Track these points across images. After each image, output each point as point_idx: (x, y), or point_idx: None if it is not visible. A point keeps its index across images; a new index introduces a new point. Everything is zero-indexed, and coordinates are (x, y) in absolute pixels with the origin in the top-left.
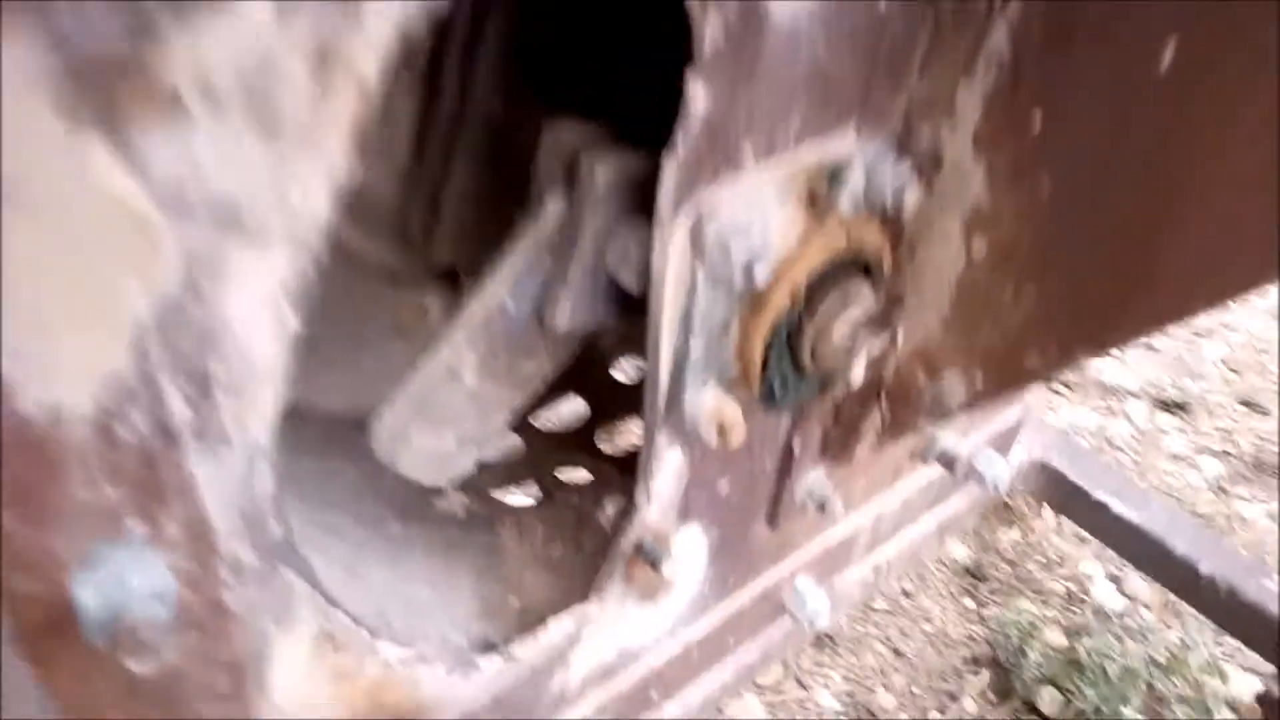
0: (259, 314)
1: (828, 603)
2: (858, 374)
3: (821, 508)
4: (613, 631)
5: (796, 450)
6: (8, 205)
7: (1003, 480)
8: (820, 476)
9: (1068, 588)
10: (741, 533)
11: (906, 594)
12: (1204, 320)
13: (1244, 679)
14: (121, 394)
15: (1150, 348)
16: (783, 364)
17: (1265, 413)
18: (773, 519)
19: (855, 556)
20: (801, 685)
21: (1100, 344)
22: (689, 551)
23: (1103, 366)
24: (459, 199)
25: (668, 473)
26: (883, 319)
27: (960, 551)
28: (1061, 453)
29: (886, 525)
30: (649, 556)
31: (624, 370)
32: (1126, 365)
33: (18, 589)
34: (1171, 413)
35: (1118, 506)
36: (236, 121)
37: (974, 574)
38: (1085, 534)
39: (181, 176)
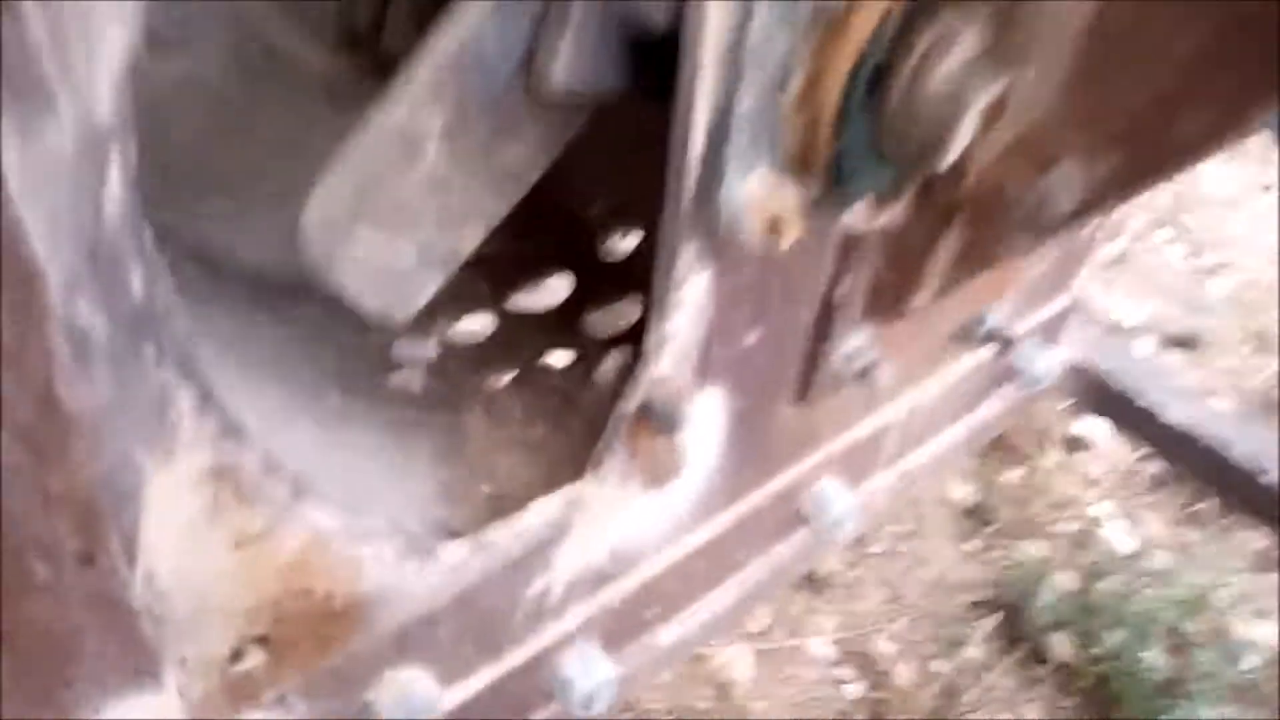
0: None
1: (855, 509)
2: (964, 139)
3: (863, 376)
4: (607, 525)
5: (841, 296)
6: None
7: (1051, 373)
8: (863, 340)
9: (1076, 529)
10: (766, 407)
11: (904, 536)
12: (1207, 258)
13: (1266, 624)
14: None
15: (1155, 284)
16: (862, 124)
17: (1274, 351)
18: (804, 390)
19: (883, 458)
20: (793, 633)
21: None
22: (704, 427)
23: (1107, 301)
24: None
25: (689, 307)
26: (998, 66)
27: (961, 492)
28: (1106, 353)
29: (919, 422)
30: (660, 420)
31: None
32: (1132, 300)
33: None
34: (1180, 349)
35: (1169, 411)
36: None
37: (976, 515)
38: (1093, 474)
39: None
